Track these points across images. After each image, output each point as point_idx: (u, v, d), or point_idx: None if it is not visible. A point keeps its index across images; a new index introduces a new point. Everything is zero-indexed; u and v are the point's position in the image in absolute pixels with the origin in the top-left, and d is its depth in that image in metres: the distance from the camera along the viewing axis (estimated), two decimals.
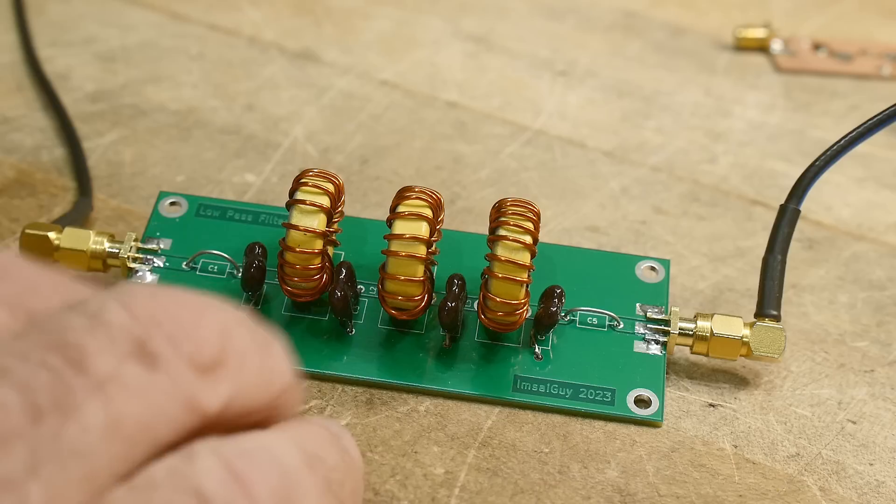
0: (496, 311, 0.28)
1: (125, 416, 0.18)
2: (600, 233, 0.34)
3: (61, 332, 0.18)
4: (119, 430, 0.18)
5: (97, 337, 0.18)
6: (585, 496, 0.27)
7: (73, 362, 0.18)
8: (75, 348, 0.18)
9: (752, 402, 0.29)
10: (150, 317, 0.19)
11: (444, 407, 0.28)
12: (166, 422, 0.19)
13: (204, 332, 0.19)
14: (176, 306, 0.19)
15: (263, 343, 0.21)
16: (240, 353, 0.20)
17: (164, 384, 0.19)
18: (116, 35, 0.40)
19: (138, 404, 0.18)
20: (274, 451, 0.20)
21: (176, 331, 0.19)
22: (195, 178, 0.35)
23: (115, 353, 0.18)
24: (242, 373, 0.20)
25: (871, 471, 0.28)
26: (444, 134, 0.37)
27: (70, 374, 0.18)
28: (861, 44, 0.43)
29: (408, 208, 0.28)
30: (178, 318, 0.19)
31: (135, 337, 0.19)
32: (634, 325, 0.30)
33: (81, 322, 0.19)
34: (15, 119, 0.37)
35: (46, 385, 0.18)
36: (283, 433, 0.21)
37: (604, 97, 0.40)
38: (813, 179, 0.30)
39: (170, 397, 0.19)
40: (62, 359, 0.18)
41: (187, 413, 0.19)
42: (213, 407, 0.19)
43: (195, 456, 0.19)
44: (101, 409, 0.18)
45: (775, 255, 0.30)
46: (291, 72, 0.39)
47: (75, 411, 0.17)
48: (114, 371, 0.18)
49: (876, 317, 0.32)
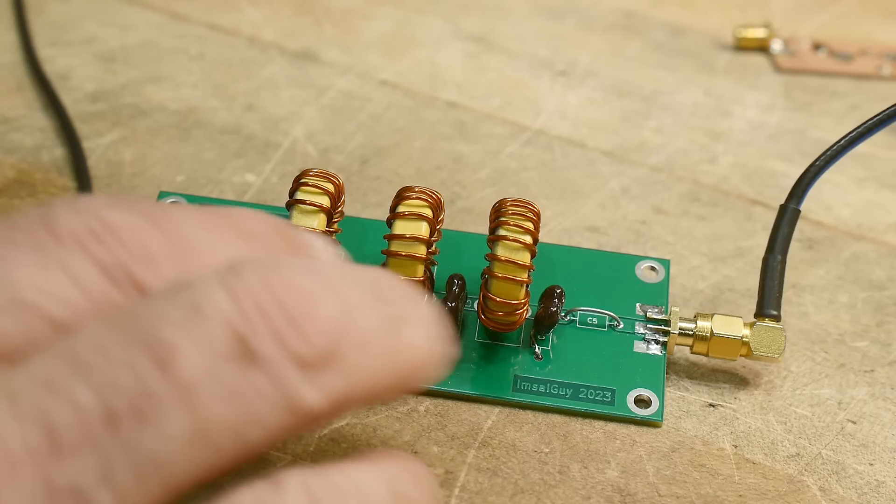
0: (496, 311, 0.28)
1: (213, 424, 0.17)
2: (600, 233, 0.34)
3: (153, 327, 0.17)
4: (206, 438, 0.17)
5: (192, 334, 0.17)
6: (585, 496, 0.27)
7: (160, 363, 0.17)
8: (165, 347, 0.17)
9: (752, 402, 0.29)
10: (258, 306, 0.17)
11: (444, 407, 0.28)
12: (262, 427, 0.17)
13: (318, 323, 0.18)
14: (290, 290, 0.18)
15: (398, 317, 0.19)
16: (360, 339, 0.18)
17: (262, 386, 0.17)
18: (116, 35, 0.40)
19: (230, 410, 0.17)
20: (363, 489, 0.18)
21: (284, 323, 0.17)
22: (195, 178, 0.35)
23: (210, 353, 0.17)
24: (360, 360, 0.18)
25: (871, 471, 0.28)
26: (444, 134, 0.37)
27: (155, 377, 0.17)
28: (861, 44, 0.43)
29: (408, 208, 0.28)
30: (289, 305, 0.18)
31: (236, 333, 0.17)
32: (634, 325, 0.30)
33: (178, 315, 0.17)
34: (15, 119, 0.37)
35: (128, 387, 0.16)
36: (374, 469, 0.19)
37: (604, 97, 0.40)
38: (813, 179, 0.30)
39: (268, 401, 0.17)
40: (149, 358, 0.17)
41: (288, 415, 0.17)
42: (319, 405, 0.18)
43: (284, 489, 0.17)
44: (186, 416, 0.16)
45: (775, 255, 0.30)
46: (291, 72, 0.39)
47: (156, 418, 0.16)
48: (206, 374, 0.17)
49: (876, 317, 0.32)
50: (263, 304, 0.17)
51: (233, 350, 0.17)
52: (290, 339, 0.17)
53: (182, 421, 0.16)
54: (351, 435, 0.27)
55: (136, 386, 0.16)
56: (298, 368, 0.17)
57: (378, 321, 0.19)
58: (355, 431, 0.28)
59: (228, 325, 0.17)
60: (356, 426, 0.28)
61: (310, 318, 0.18)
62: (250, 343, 0.17)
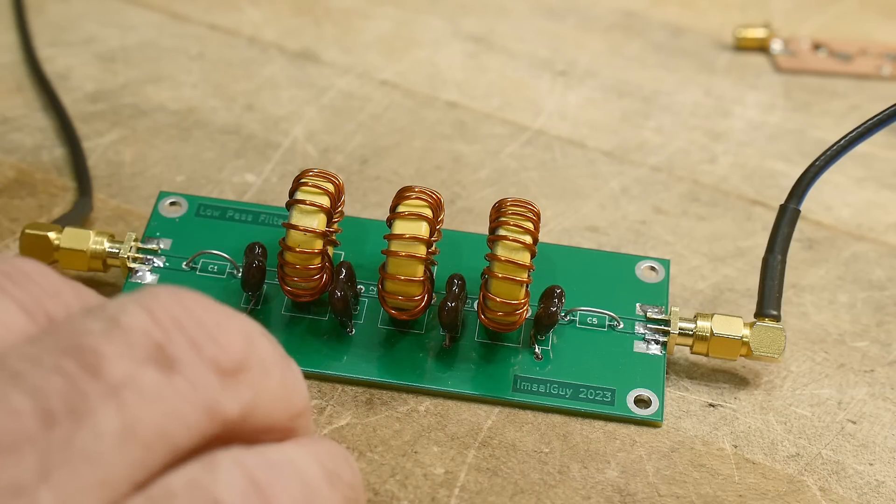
0: (496, 311, 0.28)
1: (141, 422, 0.18)
2: (600, 233, 0.34)
3: (77, 336, 0.18)
4: (134, 436, 0.18)
5: (114, 341, 0.18)
6: (585, 496, 0.27)
7: (87, 367, 0.18)
8: (91, 353, 0.18)
9: (752, 402, 0.29)
10: (173, 319, 0.19)
11: (444, 407, 0.28)
12: (185, 427, 0.18)
13: (229, 336, 0.19)
14: (200, 309, 0.19)
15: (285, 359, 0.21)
16: (263, 361, 0.20)
17: (183, 389, 0.18)
18: (116, 35, 0.40)
19: (155, 410, 0.18)
20: (297, 464, 0.20)
21: (199, 334, 0.19)
22: (195, 178, 0.35)
23: (132, 358, 0.18)
24: (265, 381, 0.20)
25: (871, 471, 0.28)
26: (444, 134, 0.37)
27: (84, 380, 0.17)
28: (861, 44, 0.43)
29: (408, 208, 0.28)
30: (202, 320, 0.19)
31: (154, 341, 0.18)
32: (634, 325, 0.30)
33: (99, 326, 0.18)
34: (15, 119, 0.37)
35: (60, 390, 0.17)
36: (304, 447, 0.20)
37: (604, 97, 0.40)
38: (813, 179, 0.30)
39: (189, 402, 0.18)
40: (77, 363, 0.18)
41: (207, 418, 0.19)
42: (233, 412, 0.19)
43: (216, 466, 0.18)
44: (116, 414, 0.17)
45: (775, 255, 0.30)
46: (291, 72, 0.39)
47: (89, 417, 0.17)
48: (130, 376, 0.18)
49: (876, 317, 0.32)
50: (178, 318, 0.19)
51: (152, 356, 0.18)
52: (207, 347, 0.19)
53: (113, 419, 0.17)
54: (351, 435, 0.27)
55: (69, 388, 0.17)
56: (215, 374, 0.19)
57: (273, 351, 0.20)
58: (355, 432, 0.28)
59: (147, 334, 0.18)
60: (356, 426, 0.28)
61: (223, 329, 0.19)
62: (168, 350, 0.18)
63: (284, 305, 0.30)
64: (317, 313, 0.30)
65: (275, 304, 0.30)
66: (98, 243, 0.30)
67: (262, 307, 0.30)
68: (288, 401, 0.21)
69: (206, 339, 0.19)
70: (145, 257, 0.30)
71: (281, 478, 0.19)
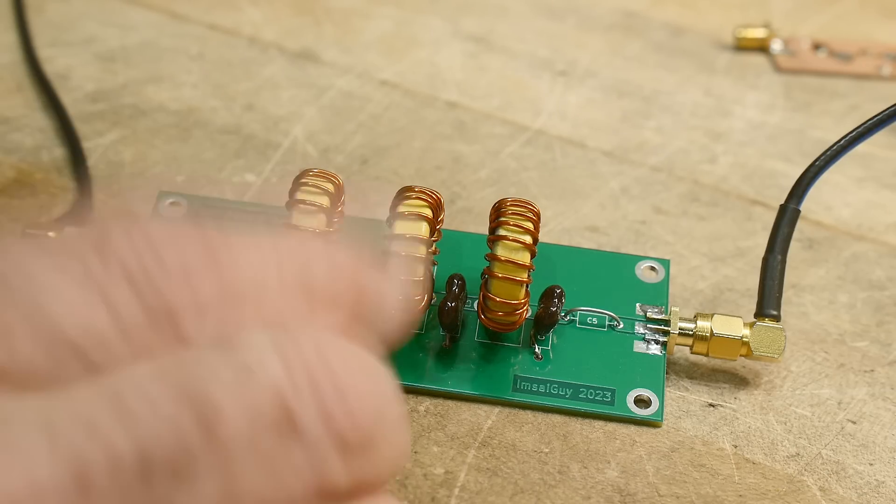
0: (496, 311, 0.28)
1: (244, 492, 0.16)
2: (600, 233, 0.34)
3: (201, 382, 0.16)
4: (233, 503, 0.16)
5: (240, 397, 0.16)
6: (585, 496, 0.27)
7: (204, 422, 0.16)
8: (211, 406, 0.16)
9: (752, 402, 0.29)
10: (309, 375, 0.17)
11: (444, 407, 0.28)
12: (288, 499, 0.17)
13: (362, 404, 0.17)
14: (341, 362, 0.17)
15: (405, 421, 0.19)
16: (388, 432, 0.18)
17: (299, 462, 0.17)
18: (116, 35, 0.40)
19: (262, 480, 0.16)
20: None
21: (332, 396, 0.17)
22: (195, 178, 0.35)
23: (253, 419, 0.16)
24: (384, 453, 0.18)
25: (871, 471, 0.28)
26: (444, 134, 0.37)
27: (197, 436, 0.16)
28: (861, 44, 0.43)
29: (408, 208, 0.28)
30: (339, 378, 0.17)
31: (283, 402, 0.17)
32: (634, 325, 0.30)
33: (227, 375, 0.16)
34: (15, 119, 0.37)
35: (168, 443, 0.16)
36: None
37: (604, 97, 0.40)
38: (813, 179, 0.30)
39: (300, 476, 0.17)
40: (193, 416, 0.16)
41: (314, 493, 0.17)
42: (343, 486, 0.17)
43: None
44: (220, 481, 0.16)
45: (775, 255, 0.30)
46: (291, 72, 0.39)
47: (191, 479, 0.16)
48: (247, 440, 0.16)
49: (876, 317, 0.32)
50: (315, 376, 0.17)
51: (277, 419, 0.17)
52: (337, 417, 0.17)
53: (215, 485, 0.16)
54: None
55: (177, 443, 0.16)
56: (337, 448, 0.17)
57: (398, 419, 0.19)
58: None
59: (277, 393, 0.17)
60: None
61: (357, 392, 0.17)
62: (296, 415, 0.17)
63: None
64: None
65: None
66: None
67: None
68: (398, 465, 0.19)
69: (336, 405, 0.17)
70: None
71: None
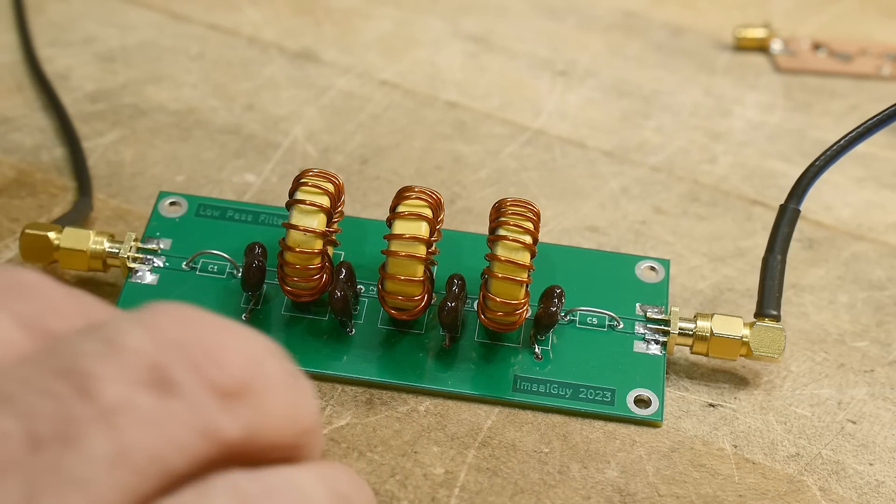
0: (496, 311, 0.28)
1: (133, 447, 0.17)
2: (600, 233, 0.34)
3: (72, 358, 0.18)
4: (126, 460, 0.17)
5: (110, 363, 0.18)
6: (585, 496, 0.27)
7: (80, 390, 0.17)
8: (84, 375, 0.17)
9: (751, 402, 0.29)
10: (174, 340, 0.18)
11: (444, 407, 0.28)
12: (180, 452, 0.18)
13: (231, 356, 0.19)
14: (204, 328, 0.19)
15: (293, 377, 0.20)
16: (268, 382, 0.19)
17: (179, 412, 0.18)
18: (116, 35, 0.40)
19: (149, 434, 0.17)
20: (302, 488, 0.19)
21: (200, 355, 0.18)
22: (195, 178, 0.35)
23: (127, 380, 0.18)
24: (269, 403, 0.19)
25: (871, 471, 0.28)
26: (444, 134, 0.37)
27: (75, 403, 0.17)
28: (861, 44, 0.43)
29: (408, 208, 0.28)
30: (205, 340, 0.19)
31: (153, 363, 0.18)
32: (634, 325, 0.30)
33: (95, 347, 0.18)
34: (15, 119, 0.37)
35: (49, 413, 0.17)
36: (311, 470, 0.20)
37: (604, 97, 0.40)
38: (813, 179, 0.30)
39: (185, 426, 0.18)
40: (69, 386, 0.17)
41: (205, 441, 0.18)
42: (234, 434, 0.18)
43: (210, 492, 0.18)
44: (107, 438, 0.17)
45: (775, 255, 0.30)
46: (291, 72, 0.39)
47: (78, 441, 0.17)
48: (124, 399, 0.17)
49: (876, 317, 0.32)
50: (179, 338, 0.18)
51: (150, 379, 0.18)
52: (208, 368, 0.18)
53: (104, 443, 0.17)
54: (351, 435, 0.27)
55: (59, 411, 0.17)
56: (215, 397, 0.18)
57: (280, 370, 0.20)
58: (355, 431, 0.28)
59: (145, 356, 0.18)
60: (356, 426, 0.28)
61: (225, 349, 0.19)
62: (167, 372, 0.18)
63: (284, 305, 0.30)
64: (317, 313, 0.30)
65: (275, 304, 0.30)
66: (98, 243, 0.30)
67: (261, 307, 0.30)
68: (295, 419, 0.20)
69: (206, 361, 0.18)
70: (145, 257, 0.30)
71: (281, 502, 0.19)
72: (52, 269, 0.31)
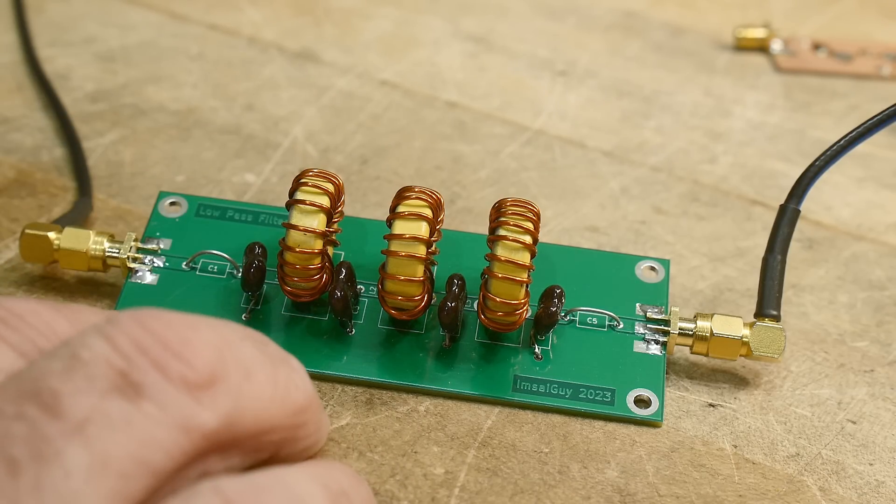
0: (496, 311, 0.28)
1: (111, 453, 0.18)
2: (600, 233, 0.34)
3: (38, 379, 0.18)
4: (107, 467, 0.18)
5: (73, 378, 0.18)
6: (585, 496, 0.27)
7: (47, 408, 0.18)
8: (51, 393, 0.18)
9: (751, 402, 0.29)
10: (135, 344, 0.19)
11: (444, 407, 0.28)
12: (161, 450, 0.18)
13: (196, 348, 0.19)
14: (164, 328, 0.19)
15: (275, 357, 0.21)
16: (242, 365, 0.20)
17: (152, 412, 0.18)
18: (116, 35, 0.40)
19: (125, 438, 0.18)
20: (293, 488, 0.20)
21: (163, 354, 0.19)
22: (195, 178, 0.35)
23: (94, 391, 0.18)
24: (247, 385, 0.20)
25: (870, 471, 0.28)
26: (444, 134, 0.37)
27: (45, 421, 0.18)
28: (861, 44, 0.43)
29: (408, 208, 0.28)
30: (166, 339, 0.19)
31: (117, 369, 0.18)
32: (634, 325, 0.30)
33: (59, 364, 0.18)
34: (15, 119, 0.37)
35: (21, 436, 0.17)
36: (304, 468, 0.20)
37: (603, 97, 0.40)
38: (813, 179, 0.30)
39: (160, 425, 0.18)
40: (37, 407, 0.18)
41: (184, 436, 0.18)
42: (212, 424, 0.19)
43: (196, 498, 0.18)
44: (83, 450, 0.17)
45: (775, 255, 0.30)
46: (291, 72, 0.39)
47: (55, 457, 0.17)
48: (93, 410, 0.18)
49: (876, 317, 0.32)
50: (140, 341, 0.19)
51: (118, 385, 0.18)
52: (171, 366, 0.19)
53: (81, 455, 0.17)
54: (351, 435, 0.27)
55: (31, 433, 0.17)
56: (185, 391, 0.19)
57: (257, 355, 0.20)
58: (355, 431, 0.28)
59: (108, 364, 0.18)
60: (356, 426, 0.28)
61: (189, 344, 0.19)
62: (132, 376, 0.18)
63: (284, 305, 0.30)
64: (317, 313, 0.30)
65: (275, 304, 0.30)
66: (98, 243, 0.30)
67: (261, 307, 0.30)
68: (284, 399, 0.20)
69: (170, 358, 0.19)
70: (145, 257, 0.30)
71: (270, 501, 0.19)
72: (52, 269, 0.31)
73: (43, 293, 0.31)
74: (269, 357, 0.21)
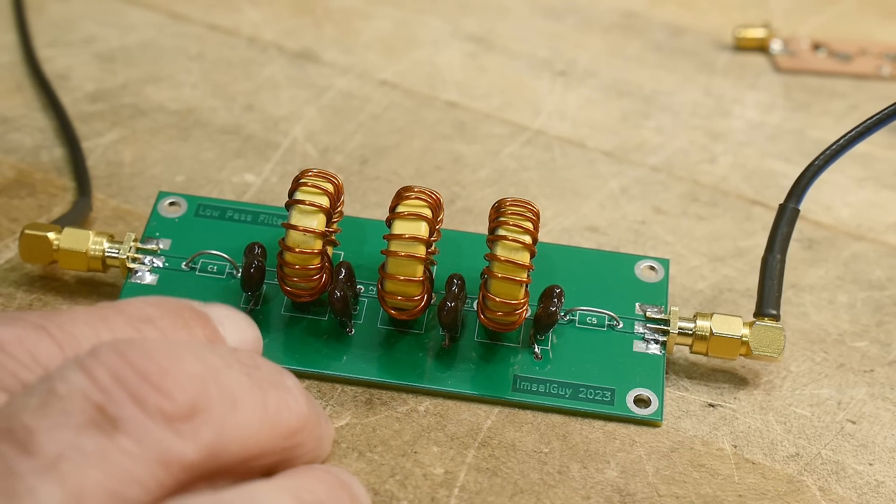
0: (496, 311, 0.28)
1: (86, 489, 0.17)
2: (600, 233, 0.34)
3: (12, 417, 0.18)
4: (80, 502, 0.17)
5: (49, 413, 0.18)
6: (585, 496, 0.27)
7: (20, 446, 0.18)
8: (24, 431, 0.18)
9: (751, 402, 0.29)
10: (113, 376, 0.19)
11: (444, 407, 0.28)
12: (137, 484, 0.18)
13: (176, 380, 0.19)
14: (145, 359, 0.19)
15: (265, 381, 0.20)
16: (228, 393, 0.19)
17: (128, 447, 0.18)
18: (116, 35, 0.40)
19: (99, 473, 0.18)
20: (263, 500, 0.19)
21: (141, 385, 0.19)
22: (195, 178, 0.35)
23: (69, 426, 0.18)
24: (234, 414, 0.19)
25: (870, 471, 0.28)
26: (444, 134, 0.37)
27: (17, 459, 0.17)
28: (861, 44, 0.43)
29: (407, 208, 0.28)
30: (145, 371, 0.19)
31: (94, 403, 0.18)
32: (634, 324, 0.30)
33: (34, 401, 0.18)
34: (15, 119, 0.37)
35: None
36: (277, 482, 0.20)
37: (603, 97, 0.40)
38: (812, 179, 0.30)
39: (137, 459, 0.18)
40: (9, 444, 0.18)
41: (163, 469, 0.18)
42: (192, 456, 0.19)
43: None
44: (56, 487, 0.17)
45: (775, 255, 0.30)
46: (291, 72, 0.39)
47: (27, 495, 0.17)
48: (68, 445, 0.18)
49: (875, 317, 0.32)
50: (118, 373, 0.19)
51: (94, 420, 0.18)
52: (150, 399, 0.18)
53: (54, 491, 0.17)
54: (351, 435, 0.27)
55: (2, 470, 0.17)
56: (164, 423, 0.18)
57: (245, 381, 0.20)
58: (355, 431, 0.28)
59: (84, 398, 0.18)
60: (356, 426, 0.28)
61: (169, 375, 0.19)
62: (108, 410, 0.18)
63: (284, 305, 0.30)
64: (316, 313, 0.30)
65: (274, 304, 0.30)
66: (97, 244, 0.30)
67: (261, 307, 0.30)
68: (274, 423, 0.20)
69: (148, 390, 0.19)
70: (145, 258, 0.30)
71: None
72: (52, 269, 0.31)
73: (42, 293, 0.31)
74: (257, 382, 0.20)
